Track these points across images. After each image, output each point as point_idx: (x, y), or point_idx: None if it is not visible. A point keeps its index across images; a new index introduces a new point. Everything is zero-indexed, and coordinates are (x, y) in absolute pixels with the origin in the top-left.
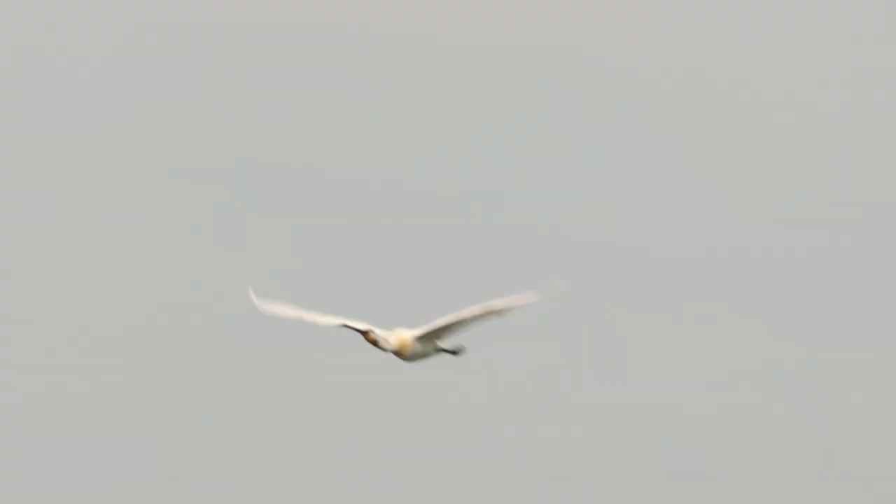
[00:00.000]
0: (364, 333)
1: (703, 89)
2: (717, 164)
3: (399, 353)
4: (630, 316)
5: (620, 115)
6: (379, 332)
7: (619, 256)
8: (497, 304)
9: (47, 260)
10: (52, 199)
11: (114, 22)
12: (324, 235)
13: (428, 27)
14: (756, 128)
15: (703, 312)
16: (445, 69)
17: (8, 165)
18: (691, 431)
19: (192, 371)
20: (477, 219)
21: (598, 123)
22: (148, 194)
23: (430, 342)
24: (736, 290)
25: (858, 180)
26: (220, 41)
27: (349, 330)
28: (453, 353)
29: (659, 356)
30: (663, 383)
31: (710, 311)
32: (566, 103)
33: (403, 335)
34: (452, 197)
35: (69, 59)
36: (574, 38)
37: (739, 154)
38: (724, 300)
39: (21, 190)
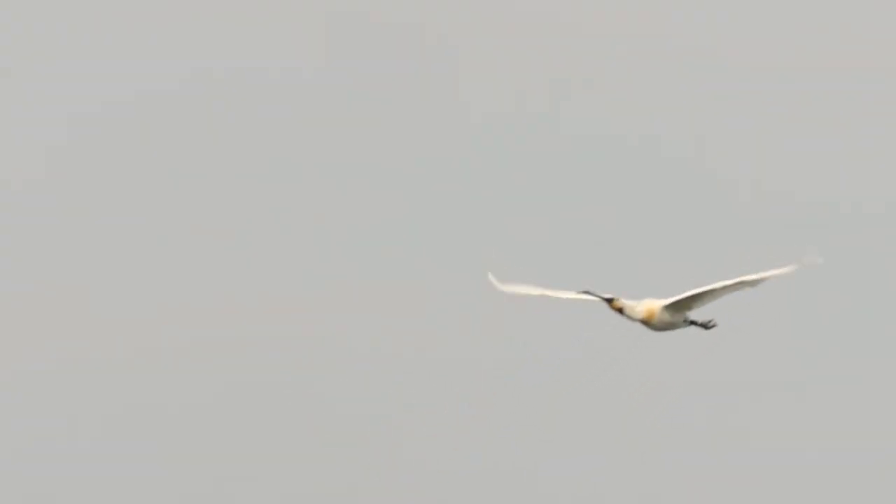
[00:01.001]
0: (609, 301)
1: None
2: None
3: (646, 322)
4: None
5: None
6: (626, 301)
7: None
8: (751, 277)
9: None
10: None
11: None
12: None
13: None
14: None
15: None
16: None
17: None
18: None
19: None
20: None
21: None
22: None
23: (679, 312)
24: None
25: None
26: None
27: (592, 299)
28: (703, 326)
29: None
30: None
31: None
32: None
33: (651, 304)
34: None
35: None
36: None
37: None
38: None
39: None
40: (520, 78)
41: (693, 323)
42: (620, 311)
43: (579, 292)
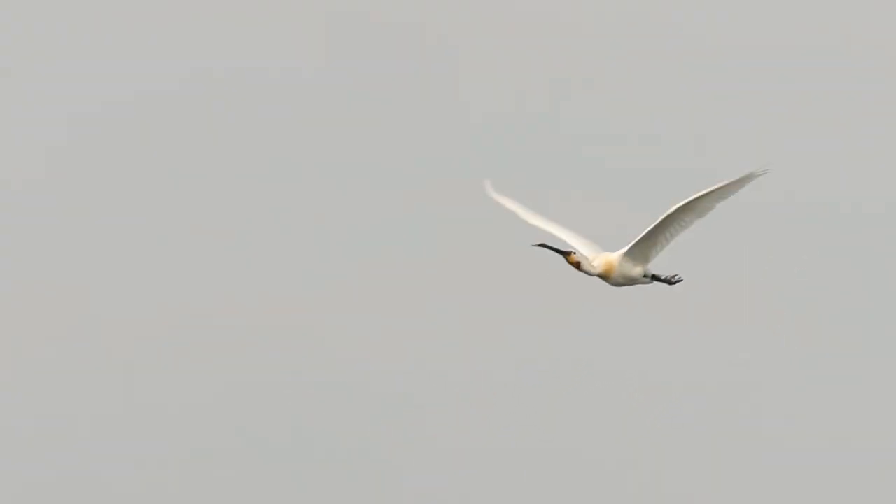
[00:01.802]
0: (566, 255)
1: None
2: None
3: (605, 277)
4: None
5: None
6: (582, 254)
7: None
8: (702, 192)
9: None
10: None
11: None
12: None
13: None
14: None
15: None
16: None
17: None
18: None
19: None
20: None
21: None
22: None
23: (641, 261)
24: None
25: None
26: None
27: (548, 251)
28: (667, 281)
29: None
30: None
31: None
32: None
33: (609, 256)
34: None
35: None
36: None
37: None
38: None
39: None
40: (520, 78)
41: (656, 278)
42: (578, 265)
43: (535, 245)
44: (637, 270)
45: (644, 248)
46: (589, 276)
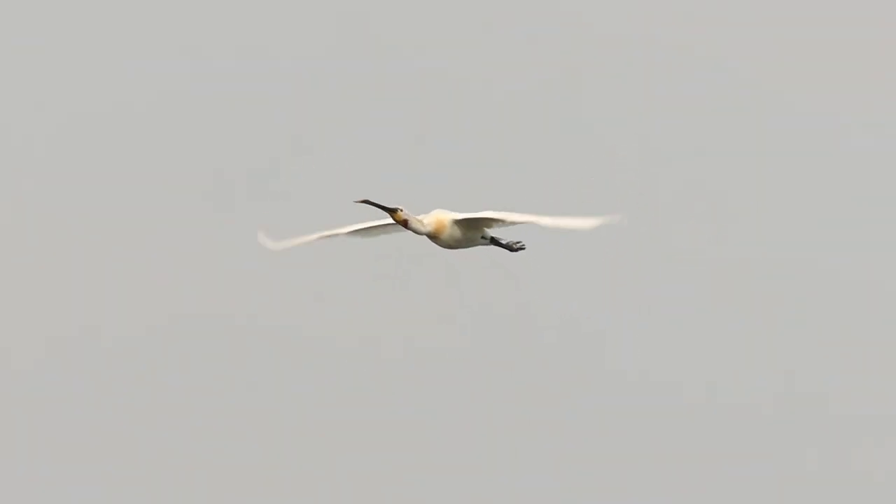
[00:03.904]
0: (392, 212)
1: None
2: None
3: (435, 237)
4: None
5: None
6: (409, 213)
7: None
8: (546, 221)
9: None
10: None
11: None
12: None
13: None
14: None
15: None
16: None
17: None
18: None
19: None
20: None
21: None
22: None
23: (473, 231)
24: None
25: None
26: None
27: (373, 208)
28: (507, 247)
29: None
30: None
31: None
32: None
33: (441, 216)
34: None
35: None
36: None
37: None
38: None
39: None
40: (520, 76)
41: (495, 241)
42: (405, 223)
43: (358, 201)
44: (473, 234)
45: (479, 225)
46: (417, 235)
